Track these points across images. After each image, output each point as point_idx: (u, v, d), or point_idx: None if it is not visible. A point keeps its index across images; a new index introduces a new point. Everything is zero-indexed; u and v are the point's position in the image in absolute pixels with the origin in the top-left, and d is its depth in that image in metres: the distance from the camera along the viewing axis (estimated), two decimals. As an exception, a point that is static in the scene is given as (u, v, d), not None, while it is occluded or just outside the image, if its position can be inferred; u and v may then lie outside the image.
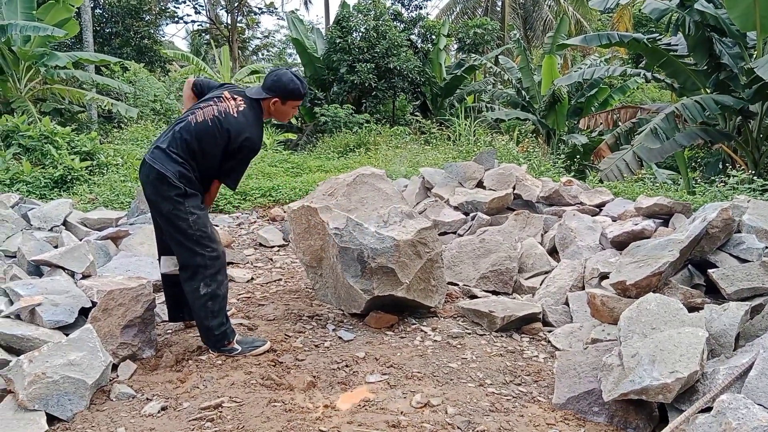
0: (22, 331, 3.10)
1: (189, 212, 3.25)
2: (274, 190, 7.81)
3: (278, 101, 3.42)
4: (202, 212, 3.33)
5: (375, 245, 3.77)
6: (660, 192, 6.87)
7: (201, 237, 3.28)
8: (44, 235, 4.97)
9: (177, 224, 3.27)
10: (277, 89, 3.40)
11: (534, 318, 3.96)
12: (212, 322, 3.35)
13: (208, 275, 3.32)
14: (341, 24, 17.34)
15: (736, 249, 3.66)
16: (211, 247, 3.32)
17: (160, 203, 3.29)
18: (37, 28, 11.82)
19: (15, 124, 9.27)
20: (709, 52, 8.92)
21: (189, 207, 3.25)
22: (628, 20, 19.69)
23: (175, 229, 3.29)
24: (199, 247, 3.29)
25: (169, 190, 3.23)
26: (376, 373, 3.23)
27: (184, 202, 3.25)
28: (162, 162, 3.25)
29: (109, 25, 22.69)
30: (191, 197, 3.28)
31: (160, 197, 3.27)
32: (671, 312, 2.99)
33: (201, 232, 3.28)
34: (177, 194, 3.23)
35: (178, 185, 3.22)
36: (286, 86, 3.40)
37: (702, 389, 2.59)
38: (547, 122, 15.43)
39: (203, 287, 3.31)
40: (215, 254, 3.33)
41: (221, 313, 3.37)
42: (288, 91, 3.41)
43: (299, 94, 3.45)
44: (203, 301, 3.32)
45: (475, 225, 5.69)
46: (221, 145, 3.29)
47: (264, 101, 3.44)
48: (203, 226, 3.30)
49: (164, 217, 3.31)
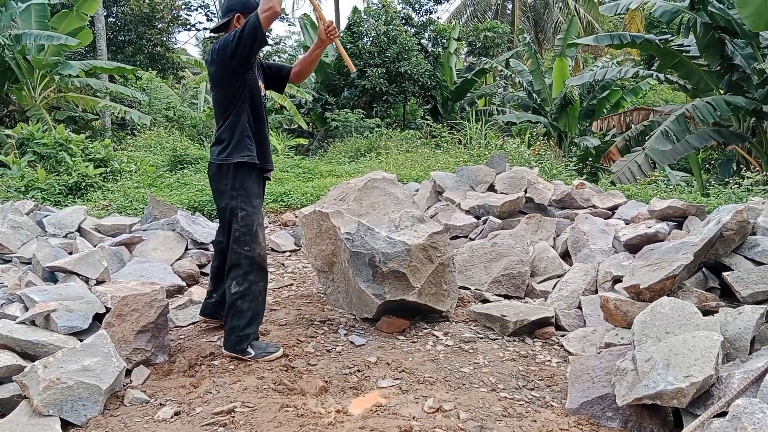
0: (37, 337, 3.14)
1: (240, 208, 3.35)
2: (286, 195, 7.83)
3: (241, 17, 3.39)
4: (253, 209, 3.39)
5: (386, 250, 3.77)
6: (673, 194, 6.81)
7: (244, 234, 3.35)
8: (59, 242, 5.01)
9: (229, 219, 3.39)
10: (234, 6, 3.42)
11: (547, 322, 3.93)
12: (237, 321, 3.37)
13: (240, 274, 3.37)
14: (352, 29, 17.41)
15: (751, 252, 3.62)
16: (250, 247, 3.36)
17: (217, 198, 3.46)
18: (51, 37, 11.98)
19: (30, 132, 9.38)
20: (721, 53, 8.85)
21: (240, 203, 3.35)
22: (639, 22, 19.57)
23: (228, 224, 3.42)
24: (237, 245, 3.36)
25: (224, 182, 3.37)
26: (388, 377, 3.22)
27: (237, 196, 3.35)
28: (216, 154, 3.41)
29: (122, 33, 22.93)
30: (243, 190, 3.36)
31: (218, 192, 3.43)
32: (686, 316, 2.96)
33: (246, 228, 3.35)
34: (231, 187, 3.35)
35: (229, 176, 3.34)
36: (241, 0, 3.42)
37: (717, 394, 2.56)
38: (558, 125, 15.37)
39: (235, 285, 3.37)
40: (251, 254, 3.37)
41: (248, 314, 3.38)
42: (244, 3, 3.41)
43: (257, 3, 3.38)
44: (233, 299, 3.38)
45: (487, 229, 5.67)
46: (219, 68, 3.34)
47: (228, 25, 3.43)
48: (250, 224, 3.36)
49: (221, 211, 3.46)
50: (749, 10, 7.84)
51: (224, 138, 3.39)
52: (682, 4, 8.94)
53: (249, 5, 3.39)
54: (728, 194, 6.30)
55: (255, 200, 3.42)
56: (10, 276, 4.42)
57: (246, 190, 3.38)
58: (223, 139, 3.40)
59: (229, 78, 3.34)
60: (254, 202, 3.41)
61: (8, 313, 3.47)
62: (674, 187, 8.29)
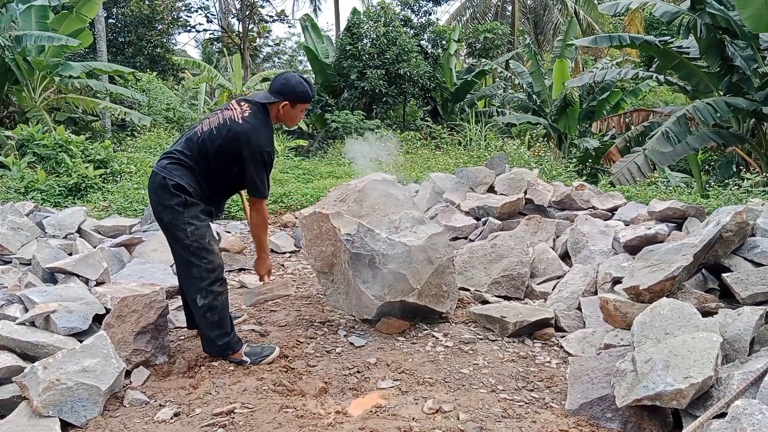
0: (37, 337, 3.14)
1: (187, 222, 3.24)
2: (286, 197, 7.84)
3: (288, 104, 3.40)
4: (202, 223, 3.30)
5: (386, 251, 3.77)
6: (673, 195, 6.82)
7: (198, 248, 3.26)
8: (59, 243, 5.02)
9: (175, 234, 3.27)
10: (286, 92, 3.38)
11: (546, 323, 3.94)
12: (213, 332, 3.34)
13: (203, 287, 3.29)
14: (352, 31, 17.42)
15: (750, 253, 3.62)
16: (208, 259, 3.29)
17: (161, 212, 3.30)
18: (52, 38, 11.98)
19: (30, 133, 9.39)
20: (721, 55, 8.85)
21: (187, 217, 3.24)
22: (639, 23, 19.58)
23: (173, 239, 3.31)
24: (195, 258, 3.27)
25: (170, 198, 3.24)
26: (388, 378, 3.22)
27: (183, 212, 3.24)
28: (168, 170, 3.27)
29: (122, 35, 22.95)
30: (191, 207, 3.26)
31: (161, 206, 3.28)
32: (685, 317, 2.96)
33: (198, 243, 3.26)
34: (177, 203, 3.23)
35: (177, 194, 3.23)
36: (295, 89, 3.39)
37: (716, 395, 2.57)
38: (558, 126, 15.38)
39: (200, 299, 3.31)
40: (211, 266, 3.30)
41: (222, 324, 3.35)
42: (297, 94, 3.39)
43: (308, 96, 3.43)
44: (202, 312, 3.33)
45: (487, 230, 5.67)
46: (229, 152, 3.28)
47: (272, 105, 3.42)
48: (201, 237, 3.27)
49: (164, 226, 3.33)
50: (750, 11, 7.84)
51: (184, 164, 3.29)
52: (683, 5, 8.94)
53: (300, 98, 3.40)
54: (728, 195, 6.31)
55: (202, 215, 3.32)
56: (9, 277, 4.41)
57: (192, 209, 3.28)
58: (182, 164, 3.29)
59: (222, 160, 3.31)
60: (201, 217, 3.31)
61: (8, 314, 3.47)
62: (674, 188, 8.30)
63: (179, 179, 3.25)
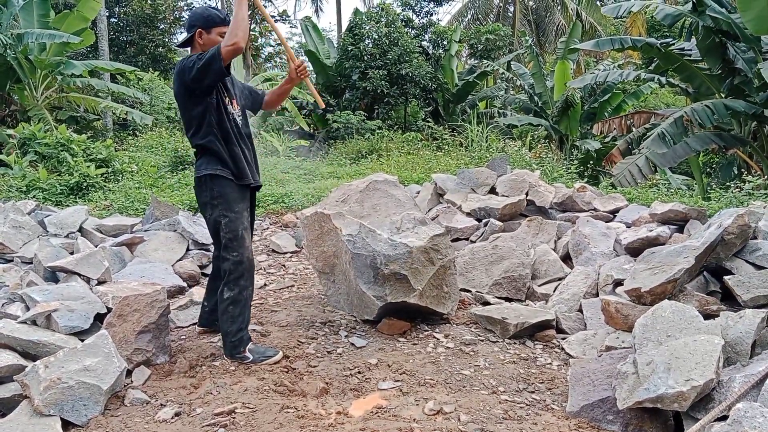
0: (38, 336, 3.14)
1: (222, 215, 3.38)
2: (287, 197, 7.84)
3: (203, 32, 3.36)
4: (236, 215, 3.40)
5: (388, 252, 3.77)
6: (675, 198, 6.82)
7: (230, 240, 3.38)
8: (60, 242, 5.02)
9: (215, 228, 3.44)
10: (195, 21, 3.40)
11: (547, 325, 3.93)
12: (230, 327, 3.39)
13: (231, 279, 3.39)
14: (353, 31, 17.41)
15: (752, 256, 3.62)
16: (237, 252, 3.38)
17: (203, 210, 3.51)
18: (53, 36, 12.00)
19: (32, 132, 9.40)
20: (722, 57, 8.85)
21: (222, 210, 3.38)
22: (641, 25, 19.58)
23: (214, 233, 3.49)
24: (226, 251, 3.40)
25: (202, 194, 3.43)
26: (389, 379, 3.22)
27: (218, 205, 3.38)
28: (196, 168, 3.47)
29: (124, 34, 22.95)
30: (222, 198, 3.37)
31: (202, 205, 3.49)
32: (686, 319, 2.96)
33: (231, 234, 3.38)
34: (210, 198, 3.39)
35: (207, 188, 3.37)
36: (202, 14, 3.42)
37: (718, 397, 2.56)
38: (559, 128, 15.37)
39: (226, 291, 3.40)
40: (239, 259, 3.38)
41: (240, 319, 3.40)
42: (205, 17, 3.39)
43: (217, 16, 3.39)
44: (225, 305, 3.40)
45: (488, 231, 5.67)
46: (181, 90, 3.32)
47: (192, 44, 3.41)
48: (234, 229, 3.38)
49: (207, 221, 3.50)
50: (751, 14, 7.84)
51: (197, 153, 3.46)
52: (684, 8, 8.94)
53: (210, 20, 3.37)
54: (729, 198, 6.30)
55: (236, 206, 3.41)
56: (11, 276, 4.42)
57: (225, 197, 3.38)
58: (197, 154, 3.47)
59: (189, 100, 3.33)
60: (235, 208, 3.40)
61: (10, 313, 3.48)
62: (675, 190, 8.30)
63: (204, 170, 3.38)
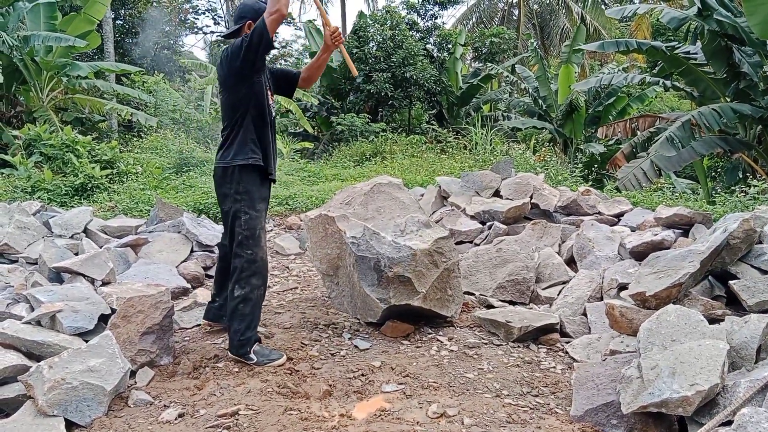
0: (43, 337, 3.15)
1: (244, 212, 3.38)
2: (291, 199, 7.85)
3: (251, 23, 3.42)
4: (257, 213, 3.41)
5: (392, 254, 3.77)
6: (679, 202, 6.79)
7: (246, 237, 3.38)
8: (65, 243, 5.03)
9: (232, 222, 3.42)
10: (246, 13, 3.46)
11: (551, 328, 3.92)
12: (239, 325, 3.38)
13: (243, 277, 3.39)
14: (358, 34, 17.45)
15: (757, 260, 3.61)
16: (252, 250, 3.39)
17: (221, 201, 3.49)
18: (59, 38, 12.02)
19: (37, 133, 9.42)
20: (728, 61, 8.82)
21: (244, 206, 3.38)
22: (646, 29, 19.58)
23: (230, 227, 3.46)
24: (240, 248, 3.39)
25: (228, 185, 3.40)
26: (392, 382, 3.22)
27: (241, 200, 3.38)
28: (220, 159, 3.44)
29: (129, 36, 23.03)
30: (247, 195, 3.38)
31: (222, 195, 3.47)
32: (691, 324, 2.95)
33: (249, 232, 3.38)
34: (236, 191, 3.38)
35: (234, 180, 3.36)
36: (253, 7, 3.47)
37: (723, 402, 2.55)
38: (564, 131, 15.35)
39: (237, 288, 3.40)
40: (253, 258, 3.39)
41: (249, 319, 3.39)
42: (255, 10, 3.44)
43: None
44: (235, 303, 3.40)
45: (492, 234, 5.67)
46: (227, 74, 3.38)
47: (239, 32, 3.46)
48: (253, 228, 3.39)
49: (224, 214, 3.48)
50: (758, 18, 7.81)
51: (229, 141, 3.44)
52: (690, 11, 8.92)
53: (260, 12, 3.40)
54: (734, 202, 6.28)
55: (259, 204, 3.44)
56: (16, 276, 4.43)
57: (250, 193, 3.40)
58: (228, 143, 3.44)
59: (237, 82, 3.38)
60: (258, 206, 3.43)
61: (14, 313, 3.49)
62: (680, 194, 8.27)
63: (233, 161, 3.38)
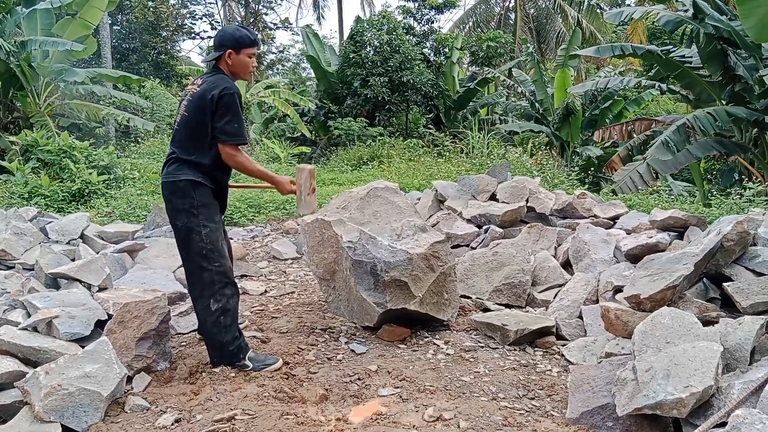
0: (39, 343, 3.15)
1: (202, 225, 3.30)
2: (288, 203, 7.86)
3: (232, 53, 3.38)
4: (216, 225, 3.36)
5: (388, 258, 3.78)
6: (675, 204, 6.82)
7: (210, 251, 3.31)
8: (62, 248, 5.03)
9: (190, 237, 3.31)
10: (226, 41, 3.39)
11: (547, 331, 3.94)
12: (226, 337, 3.36)
13: (216, 290, 3.33)
14: (355, 39, 17.49)
15: (751, 262, 3.62)
16: (219, 262, 3.33)
17: (175, 217, 3.35)
18: (56, 43, 12.03)
19: (34, 139, 9.43)
20: (723, 64, 8.87)
21: (202, 220, 3.30)
22: (642, 33, 19.63)
23: (187, 243, 3.34)
24: (206, 262, 3.31)
25: (183, 201, 3.30)
26: (389, 386, 3.23)
27: (198, 214, 3.30)
28: (172, 174, 3.35)
29: (126, 41, 23.07)
30: (205, 207, 3.32)
31: (176, 210, 3.34)
32: (686, 326, 2.96)
33: (212, 245, 3.31)
34: (191, 206, 3.29)
35: (189, 194, 3.29)
36: (233, 35, 3.40)
37: (717, 404, 2.57)
38: (560, 134, 15.39)
39: (213, 303, 3.33)
40: (222, 269, 3.34)
41: (233, 328, 3.38)
42: (236, 39, 3.39)
43: (248, 38, 3.40)
44: (215, 317, 3.34)
45: (488, 238, 5.68)
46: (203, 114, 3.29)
47: (220, 61, 3.41)
48: (215, 240, 3.32)
49: (178, 230, 3.36)
50: (752, 21, 7.84)
51: (181, 160, 3.35)
52: (686, 15, 8.96)
53: (240, 41, 3.38)
54: (730, 205, 6.30)
55: (216, 217, 3.38)
56: (12, 282, 4.43)
57: (207, 207, 3.34)
58: (181, 161, 3.35)
59: (202, 128, 3.32)
60: (215, 218, 3.37)
61: (11, 319, 3.49)
62: (676, 197, 8.30)
63: (184, 175, 3.31)
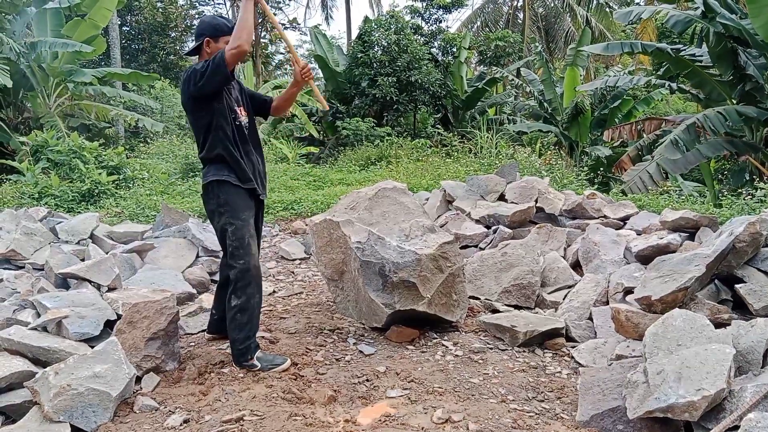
0: (49, 343, 3.16)
1: (229, 223, 3.40)
2: (296, 204, 7.86)
3: (210, 41, 3.41)
4: (243, 222, 3.42)
5: (397, 259, 3.77)
6: (686, 205, 6.76)
7: (236, 248, 3.39)
8: (71, 248, 5.06)
9: (224, 236, 3.45)
10: (204, 30, 3.44)
11: (557, 333, 3.91)
12: (238, 334, 3.39)
13: (238, 287, 3.40)
14: (363, 38, 17.48)
15: (764, 264, 3.59)
16: (244, 260, 3.39)
17: (211, 218, 3.55)
18: (66, 44, 12.13)
19: (44, 139, 9.50)
20: (733, 63, 8.81)
21: (228, 218, 3.41)
22: (651, 32, 19.50)
23: (222, 242, 3.50)
24: (233, 259, 3.41)
25: (210, 202, 3.47)
26: (397, 387, 3.22)
27: (224, 212, 3.41)
28: (202, 177, 3.54)
29: (135, 42, 23.18)
30: (228, 206, 3.41)
31: (210, 212, 3.53)
32: (697, 328, 2.94)
33: (238, 242, 3.39)
34: (217, 205, 3.42)
35: (213, 196, 3.42)
36: (210, 23, 3.46)
37: (729, 407, 2.54)
38: (569, 134, 15.33)
39: (234, 299, 3.41)
40: (246, 267, 3.39)
41: (247, 327, 3.40)
42: (213, 27, 3.43)
43: (227, 26, 3.43)
44: (233, 313, 3.40)
45: (497, 238, 5.65)
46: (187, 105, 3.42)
47: (200, 50, 3.46)
48: (241, 237, 3.40)
49: (216, 231, 3.53)
50: (762, 20, 7.80)
51: (204, 160, 3.51)
52: (695, 14, 8.90)
53: (218, 29, 3.41)
54: (741, 205, 6.24)
55: (242, 213, 3.44)
56: (22, 282, 4.45)
57: (231, 204, 3.42)
58: (203, 162, 3.52)
59: (197, 107, 3.38)
60: (242, 215, 3.43)
61: (21, 319, 3.51)
62: (686, 197, 8.23)
63: (208, 177, 3.44)
